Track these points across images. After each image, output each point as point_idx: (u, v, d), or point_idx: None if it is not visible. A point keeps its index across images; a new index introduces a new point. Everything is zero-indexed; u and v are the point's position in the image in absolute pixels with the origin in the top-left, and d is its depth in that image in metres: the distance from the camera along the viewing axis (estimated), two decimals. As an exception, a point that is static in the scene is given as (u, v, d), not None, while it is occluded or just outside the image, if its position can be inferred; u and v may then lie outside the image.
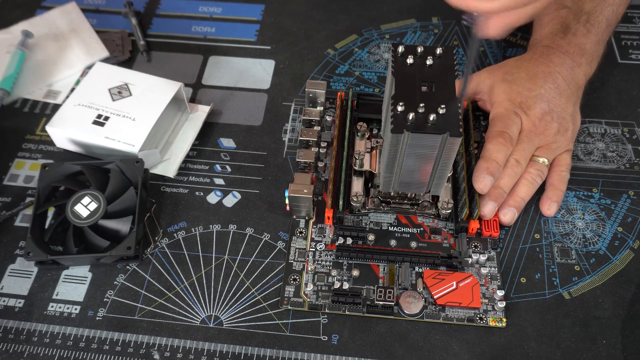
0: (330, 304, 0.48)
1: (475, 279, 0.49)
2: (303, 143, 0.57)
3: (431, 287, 0.49)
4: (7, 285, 0.50)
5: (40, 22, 0.68)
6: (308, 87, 0.58)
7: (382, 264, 0.51)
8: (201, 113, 0.60)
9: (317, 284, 0.50)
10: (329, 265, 0.51)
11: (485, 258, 0.50)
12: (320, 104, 0.59)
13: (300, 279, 0.50)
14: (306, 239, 0.52)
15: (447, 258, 0.50)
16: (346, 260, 0.51)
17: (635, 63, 0.65)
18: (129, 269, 0.51)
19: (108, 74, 0.59)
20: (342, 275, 0.50)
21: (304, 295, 0.49)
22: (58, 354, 0.47)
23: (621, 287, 0.50)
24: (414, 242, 0.52)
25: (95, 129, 0.55)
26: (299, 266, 0.51)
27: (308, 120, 0.58)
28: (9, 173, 0.57)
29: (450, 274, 0.49)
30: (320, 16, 0.70)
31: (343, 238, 0.51)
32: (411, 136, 0.43)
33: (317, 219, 0.53)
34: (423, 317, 0.48)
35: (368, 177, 0.53)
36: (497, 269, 0.50)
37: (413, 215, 0.53)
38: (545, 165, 0.54)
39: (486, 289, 0.49)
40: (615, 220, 0.53)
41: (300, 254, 0.51)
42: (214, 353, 0.47)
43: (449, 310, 0.48)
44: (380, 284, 0.49)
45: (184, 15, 0.71)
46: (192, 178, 0.57)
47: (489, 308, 0.48)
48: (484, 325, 0.47)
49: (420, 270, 0.50)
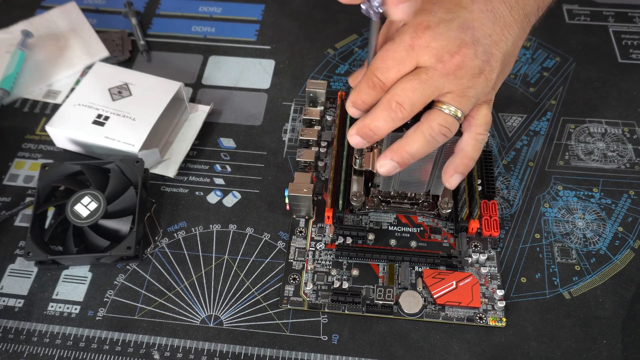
0: (330, 304, 0.48)
1: (475, 278, 0.49)
2: (303, 142, 0.57)
3: (431, 286, 0.48)
4: (7, 285, 0.50)
5: (40, 22, 0.68)
6: (308, 86, 0.58)
7: (381, 264, 0.51)
8: (201, 113, 0.60)
9: (316, 284, 0.50)
10: (329, 265, 0.51)
11: (485, 258, 0.50)
12: (321, 104, 0.59)
13: (300, 279, 0.50)
14: (306, 238, 0.52)
15: (446, 257, 0.49)
16: (346, 259, 0.51)
17: (635, 63, 0.65)
18: (129, 268, 0.51)
19: (108, 73, 0.59)
20: (341, 274, 0.50)
21: (304, 295, 0.49)
22: (58, 354, 0.47)
23: (622, 287, 0.50)
24: (413, 242, 0.51)
25: (95, 128, 0.55)
26: (298, 265, 0.51)
27: (308, 120, 0.58)
28: (9, 173, 0.57)
29: (450, 273, 0.49)
30: (320, 16, 0.70)
31: (343, 237, 0.51)
32: None
33: (317, 218, 0.53)
34: (422, 317, 0.48)
35: (368, 176, 0.53)
36: (497, 269, 0.50)
37: (413, 215, 0.53)
38: (454, 119, 0.41)
39: (486, 288, 0.49)
40: (616, 220, 0.53)
41: (300, 254, 0.51)
42: (214, 353, 0.47)
43: (448, 310, 0.48)
44: (380, 283, 0.49)
45: (184, 15, 0.71)
46: (192, 178, 0.57)
47: (488, 308, 0.48)
48: (484, 325, 0.47)
49: (420, 270, 0.50)
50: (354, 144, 0.43)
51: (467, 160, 0.43)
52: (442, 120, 0.40)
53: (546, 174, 0.56)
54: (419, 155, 0.42)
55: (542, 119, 0.61)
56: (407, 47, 0.40)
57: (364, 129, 0.42)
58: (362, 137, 0.42)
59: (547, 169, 0.57)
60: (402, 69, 0.40)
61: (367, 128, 0.41)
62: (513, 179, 0.56)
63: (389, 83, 0.40)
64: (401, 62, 0.40)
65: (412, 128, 0.41)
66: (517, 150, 0.58)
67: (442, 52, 0.39)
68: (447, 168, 0.44)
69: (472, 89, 0.40)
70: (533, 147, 0.58)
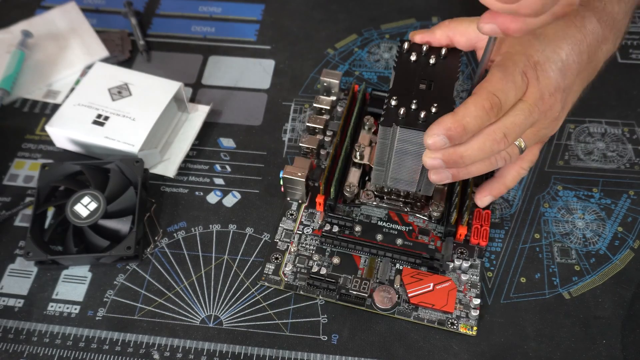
0: (306, 287, 0.49)
1: (453, 284, 0.49)
2: (310, 129, 0.57)
3: (407, 285, 0.49)
4: (7, 285, 0.50)
5: (40, 22, 0.68)
6: (323, 75, 0.58)
7: (364, 256, 0.51)
8: (201, 113, 0.60)
9: (297, 266, 0.50)
10: (312, 250, 0.51)
11: (468, 265, 0.50)
12: (334, 94, 0.59)
13: (282, 259, 0.50)
14: (295, 221, 0.53)
15: (428, 259, 0.49)
16: (330, 247, 0.51)
17: (635, 63, 0.65)
18: (128, 268, 0.51)
19: (108, 73, 0.59)
20: (322, 260, 0.50)
21: (282, 275, 0.50)
22: (58, 354, 0.47)
23: (621, 286, 0.50)
24: (400, 240, 0.51)
25: (95, 128, 0.55)
26: (283, 246, 0.51)
27: (318, 108, 0.58)
28: (9, 173, 0.57)
29: (429, 275, 0.49)
30: (320, 16, 0.70)
31: (331, 225, 0.51)
32: (399, 130, 0.43)
33: (309, 203, 0.54)
34: (395, 314, 0.48)
35: (367, 170, 0.53)
36: (479, 277, 0.50)
37: (404, 214, 0.53)
38: (518, 151, 0.43)
39: (463, 295, 0.49)
40: (616, 220, 0.53)
41: (286, 235, 0.52)
42: (213, 353, 0.47)
43: (421, 310, 0.48)
44: (359, 274, 0.50)
45: (184, 15, 0.71)
46: (192, 178, 0.57)
47: (462, 314, 0.48)
48: (453, 331, 0.47)
49: (400, 268, 0.50)
50: (431, 161, 0.41)
51: (503, 187, 0.47)
52: (510, 148, 0.42)
53: (546, 174, 0.56)
54: (473, 170, 0.43)
55: (541, 119, 0.61)
56: (521, 74, 0.41)
57: (453, 155, 0.40)
58: (446, 161, 0.40)
59: (546, 169, 0.57)
60: (518, 95, 0.41)
61: (458, 155, 0.40)
62: (513, 179, 0.56)
63: (506, 107, 0.40)
64: (519, 89, 0.40)
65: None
66: (516, 150, 0.58)
67: (544, 91, 0.41)
68: (482, 188, 0.47)
69: (546, 130, 0.43)
70: (533, 147, 0.58)
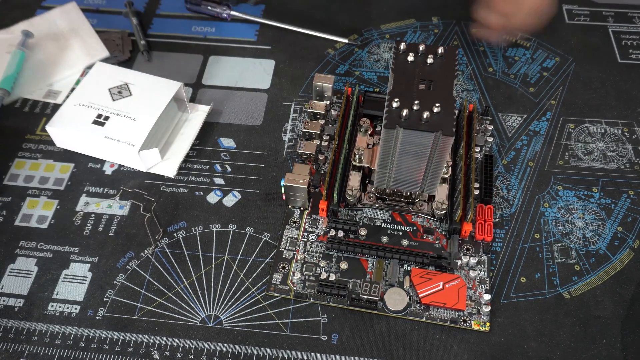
0: (315, 294, 0.49)
1: (462, 281, 0.49)
2: (306, 135, 0.57)
3: (417, 285, 0.48)
4: (7, 285, 0.50)
5: (41, 22, 0.68)
6: (315, 80, 0.58)
7: (371, 259, 0.51)
8: (201, 113, 0.60)
9: (305, 274, 0.50)
10: (319, 257, 0.51)
11: (476, 261, 0.50)
12: (327, 98, 0.59)
13: (289, 268, 0.50)
14: (299, 229, 0.53)
15: (436, 258, 0.49)
16: (336, 252, 0.51)
17: (635, 63, 0.65)
18: (128, 268, 0.51)
19: (108, 73, 0.59)
20: (330, 267, 0.50)
21: (291, 284, 0.49)
22: (58, 354, 0.47)
23: (621, 286, 0.50)
24: (405, 240, 0.51)
25: (95, 128, 0.55)
26: (289, 255, 0.51)
27: (313, 113, 0.58)
28: (9, 173, 0.57)
29: (438, 274, 0.49)
30: (320, 16, 0.70)
31: (335, 231, 0.51)
32: (403, 132, 0.43)
33: (312, 210, 0.54)
34: (407, 315, 0.48)
35: (367, 173, 0.53)
36: (487, 273, 0.50)
37: (408, 214, 0.53)
38: None
39: (473, 292, 0.49)
40: (615, 220, 0.53)
41: (291, 243, 0.52)
42: (213, 353, 0.47)
43: (433, 310, 0.48)
44: (368, 278, 0.50)
45: (184, 15, 0.71)
46: (192, 178, 0.57)
47: (474, 311, 0.48)
48: (467, 328, 0.47)
49: (408, 269, 0.50)
50: None
51: None
52: None
53: (546, 173, 0.56)
54: None
55: (541, 119, 0.61)
56: None
57: None
58: None
59: (546, 168, 0.57)
60: None
61: None
62: (513, 179, 0.56)
63: None
64: None
65: None
66: (517, 150, 0.58)
67: None
68: None
69: None
70: (533, 147, 0.58)
